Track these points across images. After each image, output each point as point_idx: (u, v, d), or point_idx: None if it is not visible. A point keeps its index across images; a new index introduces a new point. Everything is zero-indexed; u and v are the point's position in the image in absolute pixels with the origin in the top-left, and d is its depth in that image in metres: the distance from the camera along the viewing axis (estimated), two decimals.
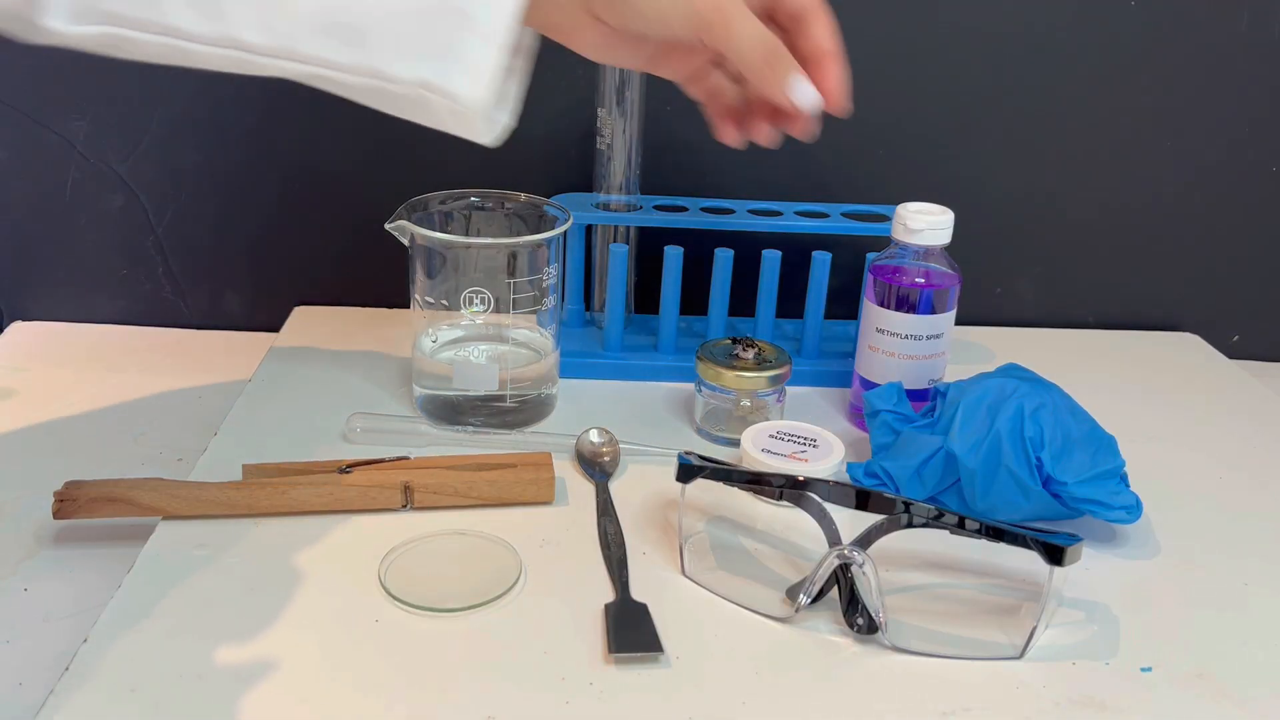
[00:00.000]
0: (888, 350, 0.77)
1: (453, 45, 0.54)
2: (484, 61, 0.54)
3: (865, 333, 0.79)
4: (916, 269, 0.77)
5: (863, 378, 0.80)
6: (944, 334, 0.77)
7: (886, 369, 0.77)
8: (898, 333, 0.76)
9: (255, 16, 0.53)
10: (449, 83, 0.55)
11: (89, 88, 0.91)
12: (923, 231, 0.74)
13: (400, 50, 0.54)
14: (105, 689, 0.52)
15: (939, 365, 0.78)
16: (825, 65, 0.59)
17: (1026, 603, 0.60)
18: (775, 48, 0.57)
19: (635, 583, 0.61)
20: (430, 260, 0.75)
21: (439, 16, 0.54)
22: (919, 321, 0.76)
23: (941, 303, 0.77)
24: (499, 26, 0.54)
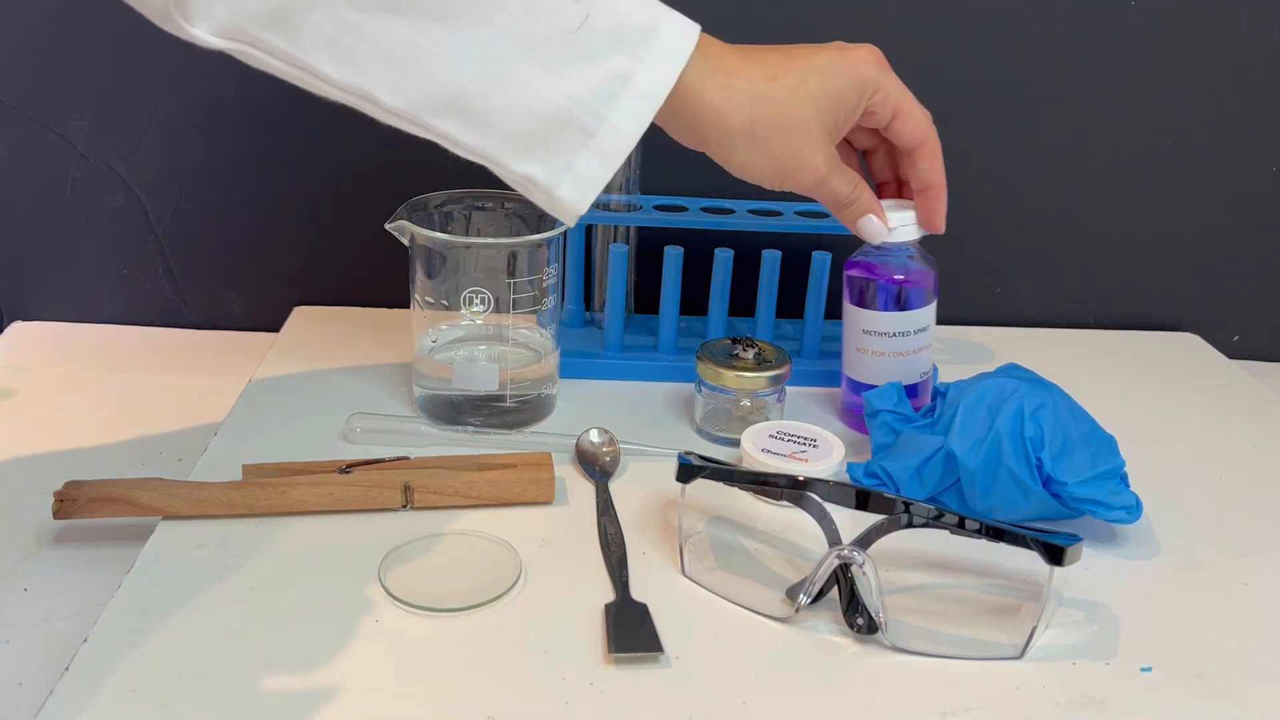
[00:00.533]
0: (875, 350, 0.77)
1: (567, 156, 0.58)
2: (592, 176, 0.58)
3: (850, 335, 0.78)
4: (894, 266, 0.77)
5: (851, 380, 0.80)
6: (929, 327, 0.78)
7: (875, 369, 0.77)
8: (884, 332, 0.76)
9: (391, 78, 0.55)
10: (555, 187, 0.58)
11: (89, 88, 0.91)
12: (896, 230, 0.73)
13: (519, 147, 0.57)
14: (105, 689, 0.52)
15: (926, 359, 0.78)
16: (929, 197, 0.71)
17: (1026, 603, 0.60)
18: (852, 202, 0.68)
19: (635, 583, 0.61)
20: (430, 260, 0.75)
21: (563, 128, 0.57)
22: (904, 318, 0.76)
23: (923, 296, 0.77)
24: (616, 149, 0.58)
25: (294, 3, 0.53)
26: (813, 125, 0.64)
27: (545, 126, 0.57)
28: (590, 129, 0.57)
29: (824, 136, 0.65)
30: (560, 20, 0.56)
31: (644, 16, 0.58)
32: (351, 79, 0.55)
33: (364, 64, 0.55)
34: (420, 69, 0.55)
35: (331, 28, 0.54)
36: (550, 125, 0.57)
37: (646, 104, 0.58)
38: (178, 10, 0.53)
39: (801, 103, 0.63)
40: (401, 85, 0.56)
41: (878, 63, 0.67)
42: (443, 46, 0.55)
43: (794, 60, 0.64)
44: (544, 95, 0.56)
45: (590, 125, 0.57)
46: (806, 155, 0.64)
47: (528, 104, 0.56)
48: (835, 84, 0.65)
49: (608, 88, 0.57)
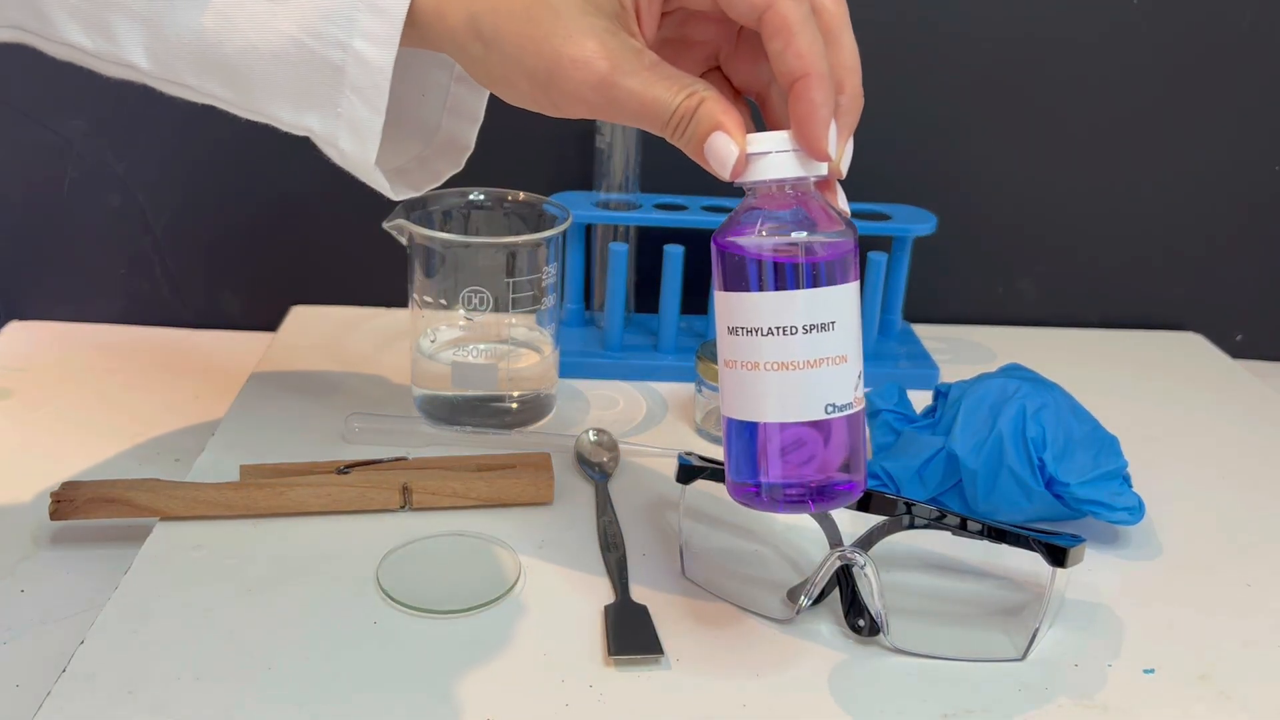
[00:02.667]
0: (746, 361, 0.48)
1: (330, 99, 0.50)
2: (363, 120, 0.50)
3: (720, 345, 0.50)
4: (776, 225, 0.48)
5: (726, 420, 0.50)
6: (837, 323, 0.48)
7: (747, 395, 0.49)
8: (757, 328, 0.48)
9: (141, 41, 0.51)
10: (335, 139, 0.51)
11: (87, 88, 0.91)
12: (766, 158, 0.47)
13: (282, 96, 0.51)
14: (103, 690, 0.52)
15: (838, 380, 0.48)
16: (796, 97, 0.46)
17: (1028, 604, 0.60)
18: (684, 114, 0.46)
19: (635, 584, 0.61)
20: (429, 259, 0.75)
21: (310, 68, 0.50)
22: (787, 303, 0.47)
23: (825, 273, 0.48)
24: (372, 83, 0.50)
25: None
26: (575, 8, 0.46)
27: (294, 70, 0.50)
28: (337, 63, 0.49)
29: (591, 18, 0.46)
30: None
31: None
32: (107, 47, 0.52)
33: (112, 28, 0.51)
34: (160, 24, 0.51)
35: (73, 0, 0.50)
36: (297, 68, 0.50)
37: (387, 22, 0.48)
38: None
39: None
40: (150, 45, 0.51)
41: None
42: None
43: None
44: (275, 30, 0.49)
45: (335, 58, 0.49)
46: (562, 47, 0.45)
47: (267, 44, 0.50)
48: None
49: (338, 10, 0.49)
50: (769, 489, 0.50)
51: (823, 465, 0.49)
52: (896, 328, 0.92)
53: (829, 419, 0.48)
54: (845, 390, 0.48)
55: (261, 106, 0.52)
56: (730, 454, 0.50)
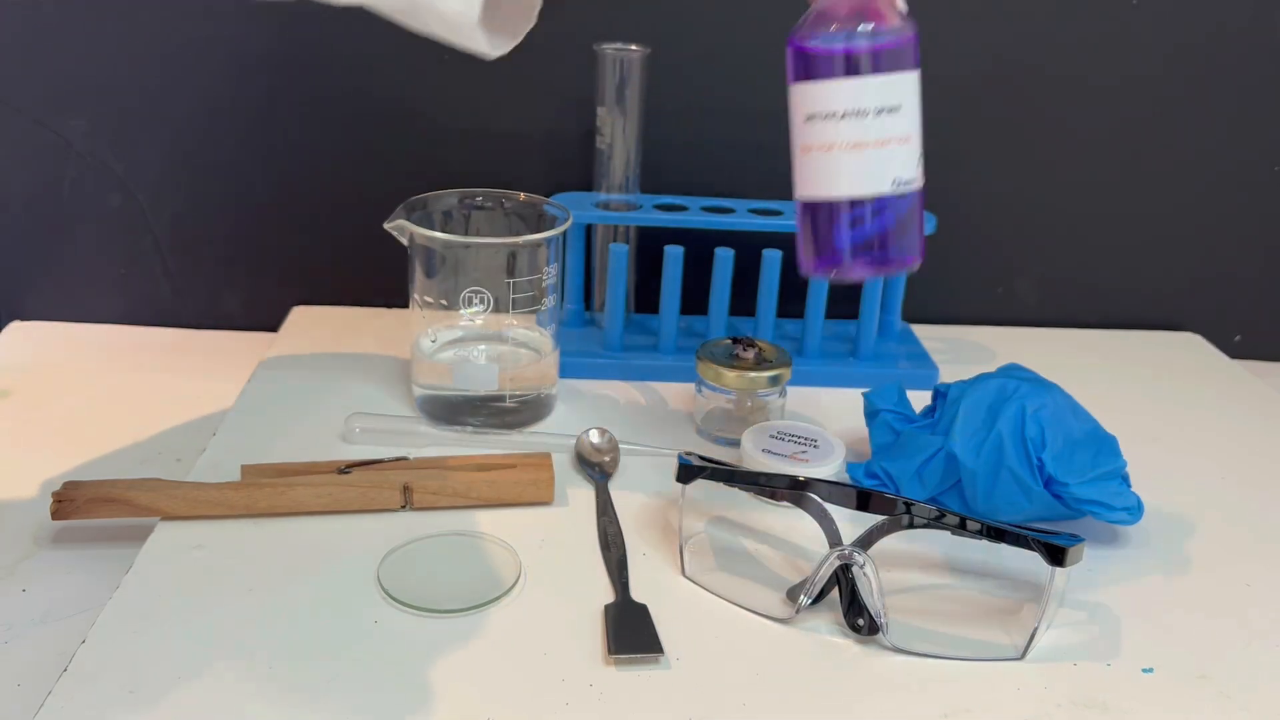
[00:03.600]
0: (822, 143, 0.55)
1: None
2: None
3: (794, 133, 0.57)
4: (848, 17, 0.55)
5: (805, 203, 0.58)
6: (902, 107, 0.55)
7: (824, 171, 0.56)
8: (833, 112, 0.55)
9: None
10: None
11: (88, 87, 0.91)
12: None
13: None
14: (104, 689, 0.52)
15: (901, 157, 0.56)
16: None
17: (1028, 603, 0.60)
18: None
19: (635, 583, 0.61)
20: (429, 260, 0.75)
21: None
22: (858, 88, 0.54)
23: (892, 60, 0.55)
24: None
25: None
26: None
27: None
28: None
29: None
30: None
31: None
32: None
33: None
34: None
35: None
36: None
37: None
38: None
39: None
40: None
41: None
42: None
43: None
44: None
45: None
46: None
47: None
48: None
49: None
50: (842, 254, 0.57)
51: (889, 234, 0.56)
52: (896, 328, 0.92)
53: (896, 192, 0.56)
54: (910, 167, 0.56)
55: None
56: (808, 232, 0.57)
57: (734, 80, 0.93)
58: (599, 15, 0.90)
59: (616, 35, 0.83)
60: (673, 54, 0.88)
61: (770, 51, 0.92)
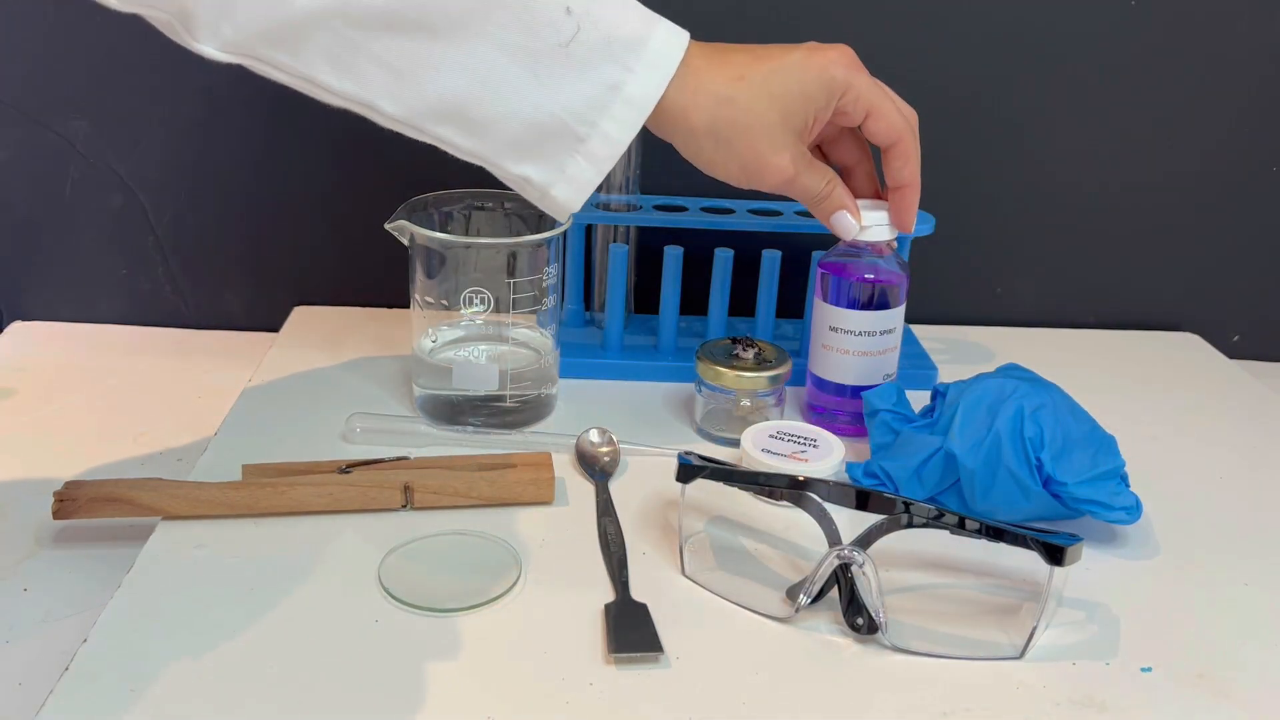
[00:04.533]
0: (841, 348, 0.77)
1: (561, 160, 0.60)
2: (585, 178, 0.61)
3: (817, 331, 0.78)
4: (865, 265, 0.76)
5: (815, 376, 0.80)
6: (895, 329, 0.77)
7: (840, 367, 0.77)
8: (851, 330, 0.76)
9: (391, 89, 0.58)
10: (550, 187, 0.61)
11: (89, 88, 0.91)
12: (871, 229, 0.73)
13: (514, 152, 0.60)
14: (105, 689, 0.52)
15: (891, 361, 0.78)
16: (901, 196, 0.71)
17: (1026, 603, 0.60)
18: (823, 195, 0.69)
19: (635, 583, 0.61)
20: (430, 260, 0.75)
21: (556, 136, 0.60)
22: (872, 318, 0.76)
23: (894, 298, 0.76)
24: (607, 154, 0.60)
25: (297, 24, 0.55)
26: (776, 126, 0.64)
27: (539, 134, 0.60)
28: (582, 136, 0.60)
29: (789, 137, 0.65)
30: (553, 34, 0.58)
31: (634, 26, 0.60)
32: (353, 90, 0.58)
33: (364, 77, 0.57)
34: (418, 81, 0.57)
35: (333, 44, 0.56)
36: (544, 133, 0.59)
37: (635, 112, 0.60)
38: (184, 29, 0.55)
39: (766, 104, 0.64)
40: (400, 96, 0.58)
41: (849, 63, 0.66)
42: (439, 60, 0.57)
43: (762, 61, 0.65)
44: (537, 106, 0.58)
45: (582, 132, 0.60)
46: (770, 156, 0.65)
47: (522, 114, 0.59)
48: (802, 85, 0.65)
49: (599, 98, 0.59)
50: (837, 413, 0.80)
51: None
52: None
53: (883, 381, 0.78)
54: (892, 366, 0.79)
55: (491, 156, 0.61)
56: (817, 391, 0.80)
57: None
58: None
59: None
60: None
61: None
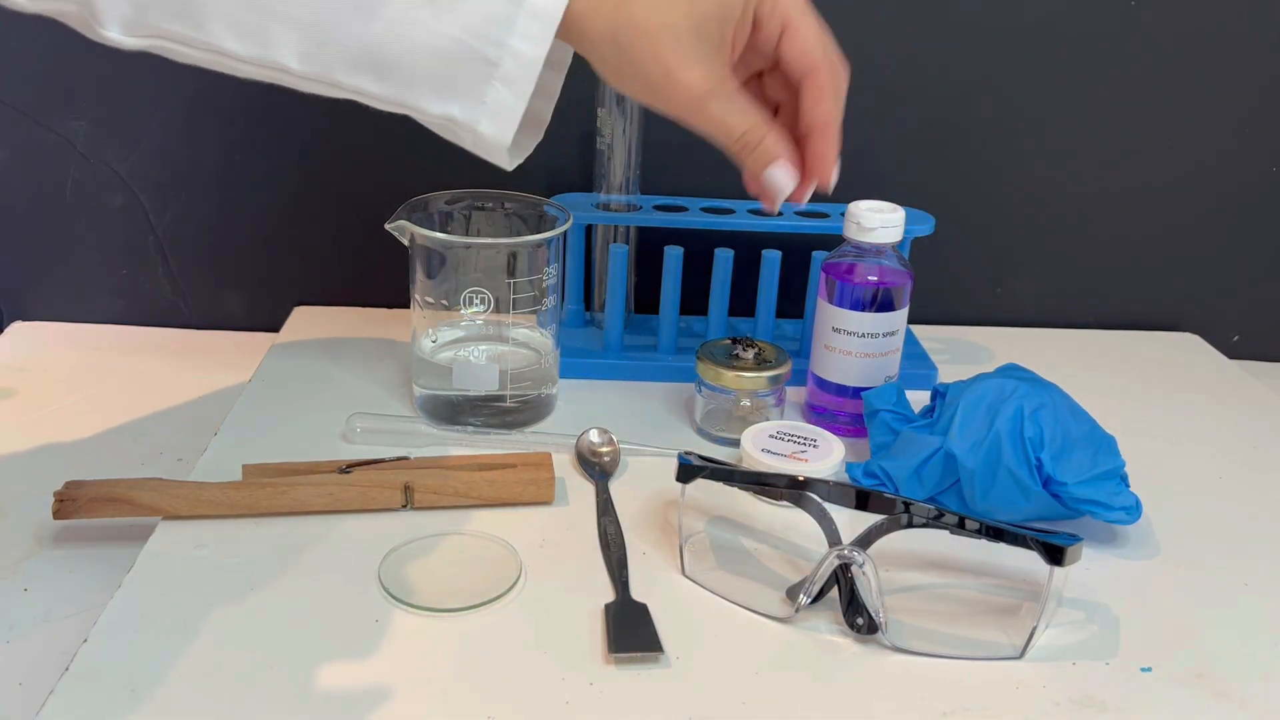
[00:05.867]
0: (844, 349, 0.77)
1: (478, 89, 0.57)
2: (507, 106, 0.57)
3: (820, 332, 0.79)
4: (870, 267, 0.76)
5: (817, 377, 0.80)
6: (898, 331, 0.77)
7: (843, 368, 0.78)
8: (855, 331, 0.76)
9: (296, 46, 0.56)
10: (475, 124, 0.57)
11: (89, 88, 0.91)
12: (876, 230, 0.74)
13: (430, 88, 0.57)
14: (105, 689, 0.52)
15: (893, 363, 0.78)
16: (814, 142, 0.59)
17: (1026, 603, 0.60)
18: (750, 138, 0.58)
19: (635, 583, 0.61)
20: (430, 260, 0.75)
21: (467, 63, 0.56)
22: (876, 320, 0.76)
23: (897, 299, 0.76)
24: (523, 74, 0.56)
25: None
26: (685, 33, 0.56)
27: (449, 64, 0.56)
28: (493, 58, 0.56)
29: (703, 50, 0.57)
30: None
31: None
32: (260, 53, 0.56)
33: (270, 38, 0.56)
34: (321, 31, 0.56)
35: (231, 9, 0.55)
36: (453, 62, 0.56)
37: (542, 23, 0.55)
38: (90, 15, 0.55)
39: (671, 5, 0.56)
40: (307, 50, 0.56)
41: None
42: (338, 4, 0.55)
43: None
44: (439, 33, 0.55)
45: (492, 55, 0.56)
46: (677, 70, 0.56)
47: (427, 44, 0.55)
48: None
49: (500, 14, 0.55)
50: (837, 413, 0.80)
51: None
52: None
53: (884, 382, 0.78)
54: (894, 367, 0.79)
55: (409, 99, 0.57)
56: (818, 391, 0.80)
57: None
58: None
59: None
60: None
61: None
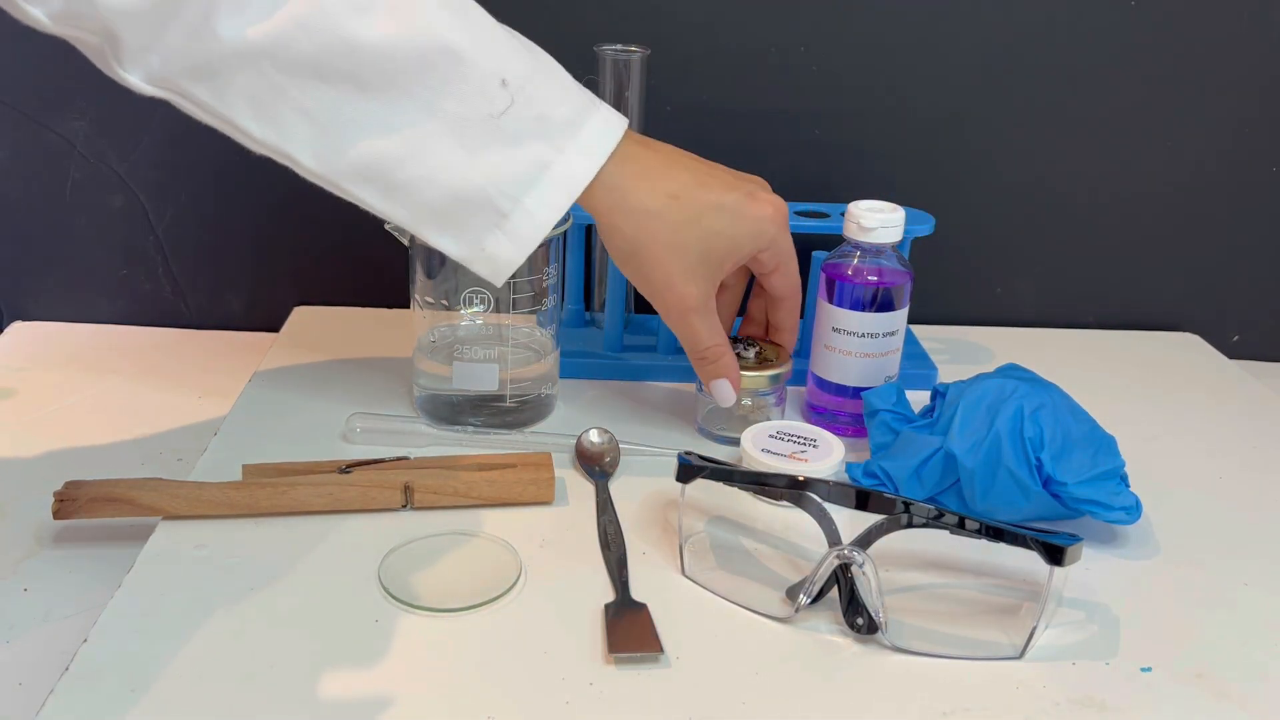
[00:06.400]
0: (843, 349, 0.77)
1: (480, 236, 0.59)
2: (505, 257, 0.60)
3: (820, 332, 0.79)
4: (869, 267, 0.76)
5: (817, 377, 0.80)
6: (898, 331, 0.77)
7: (842, 368, 0.77)
8: (854, 331, 0.76)
9: (310, 143, 0.56)
10: (470, 263, 0.60)
11: (89, 88, 0.91)
12: (876, 230, 0.74)
13: (433, 221, 0.59)
14: (105, 689, 0.52)
15: (893, 363, 0.78)
16: (782, 337, 0.76)
17: (1026, 603, 0.60)
18: (711, 354, 0.70)
19: (635, 583, 0.61)
20: (430, 260, 0.75)
21: (477, 208, 0.57)
22: (875, 319, 0.76)
23: (897, 299, 0.76)
24: (529, 235, 0.58)
25: (224, 60, 0.54)
26: (695, 258, 0.65)
27: (460, 205, 0.58)
28: (505, 211, 0.58)
29: (704, 271, 0.65)
30: (485, 103, 0.56)
31: (570, 108, 0.59)
32: (274, 139, 0.57)
33: (286, 126, 0.56)
34: (339, 136, 0.56)
35: (258, 87, 0.55)
36: (465, 204, 0.58)
37: (563, 194, 0.59)
38: (113, 55, 0.54)
39: (694, 234, 0.64)
40: (320, 150, 0.56)
41: (781, 220, 0.68)
42: (363, 115, 0.55)
43: (702, 189, 0.65)
44: (461, 175, 0.57)
45: (505, 208, 0.58)
46: (679, 283, 0.65)
47: (444, 182, 0.57)
48: (734, 231, 0.65)
49: (526, 174, 0.58)
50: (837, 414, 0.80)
51: None
52: None
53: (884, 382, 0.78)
54: (894, 367, 0.79)
55: (410, 222, 0.59)
56: (818, 391, 0.80)
57: (734, 80, 0.93)
58: (599, 16, 0.90)
59: (616, 36, 0.83)
60: (673, 54, 0.88)
61: (770, 52, 0.93)
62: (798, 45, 0.92)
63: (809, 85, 0.93)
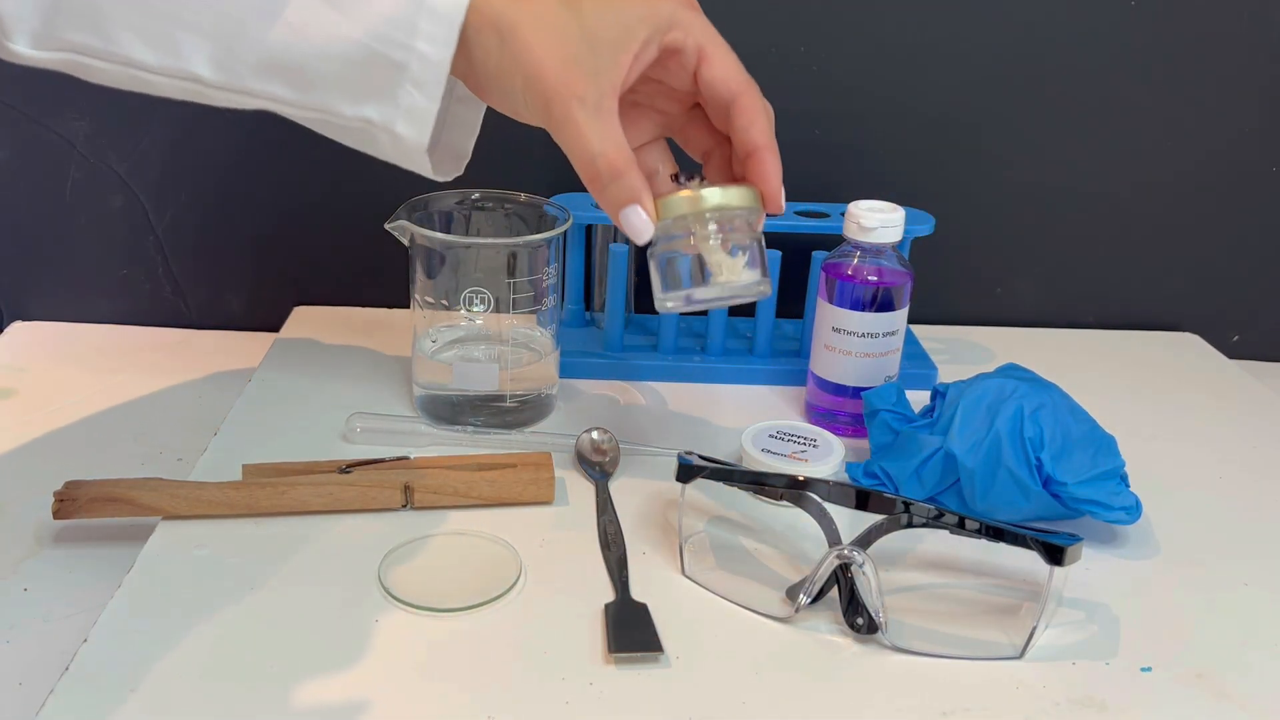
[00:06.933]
0: (844, 349, 0.77)
1: (391, 91, 0.57)
2: (420, 108, 0.57)
3: (820, 332, 0.79)
4: (869, 267, 0.76)
5: (817, 377, 0.80)
6: (899, 331, 0.77)
7: (842, 368, 0.78)
8: (855, 331, 0.76)
9: (207, 54, 0.56)
10: (391, 123, 0.57)
11: (89, 88, 0.90)
12: (876, 230, 0.74)
13: (343, 92, 0.57)
14: (105, 689, 0.52)
15: (893, 363, 0.78)
16: (757, 162, 0.58)
17: (1026, 603, 0.60)
18: (604, 164, 0.55)
19: (635, 582, 0.61)
20: (430, 260, 0.75)
21: (377, 67, 0.56)
22: (876, 319, 0.76)
23: (897, 299, 0.76)
24: (432, 77, 0.56)
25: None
26: (576, 41, 0.54)
27: (358, 69, 0.56)
28: (399, 61, 0.55)
29: (591, 63, 0.54)
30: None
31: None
32: (170, 62, 0.56)
33: (179, 45, 0.55)
34: (231, 38, 0.55)
35: (141, 18, 0.55)
36: (362, 65, 0.56)
37: (444, 26, 0.54)
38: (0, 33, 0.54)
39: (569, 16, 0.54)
40: (219, 58, 0.56)
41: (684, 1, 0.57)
42: (245, 11, 0.55)
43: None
44: (344, 37, 0.55)
45: (398, 58, 0.55)
46: (555, 65, 0.54)
47: (334, 49, 0.55)
48: (620, 15, 0.55)
49: (401, 16, 0.54)
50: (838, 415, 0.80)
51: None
52: None
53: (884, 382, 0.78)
54: (894, 367, 0.79)
55: (322, 103, 0.57)
56: (818, 391, 0.80)
57: None
58: None
59: None
60: None
61: (770, 52, 0.92)
62: (798, 45, 0.92)
63: (809, 85, 0.93)
